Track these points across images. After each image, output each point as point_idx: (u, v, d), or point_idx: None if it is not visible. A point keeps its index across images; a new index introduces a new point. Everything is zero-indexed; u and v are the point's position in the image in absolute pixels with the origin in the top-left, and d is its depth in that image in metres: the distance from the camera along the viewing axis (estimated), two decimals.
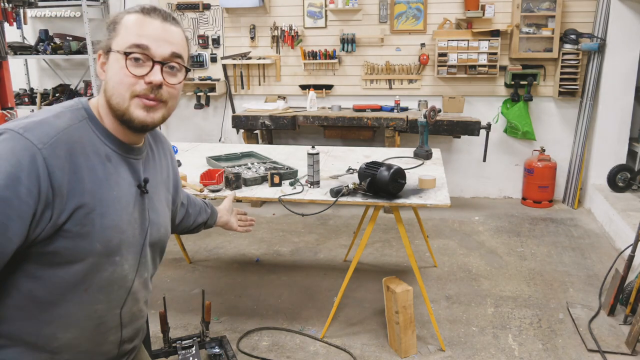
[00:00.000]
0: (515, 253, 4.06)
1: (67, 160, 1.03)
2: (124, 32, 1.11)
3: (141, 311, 1.29)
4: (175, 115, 5.74)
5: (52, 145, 1.02)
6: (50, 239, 1.04)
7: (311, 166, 2.75)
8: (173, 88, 1.15)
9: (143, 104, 1.11)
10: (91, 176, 1.07)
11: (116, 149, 1.15)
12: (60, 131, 1.05)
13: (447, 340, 2.89)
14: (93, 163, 1.08)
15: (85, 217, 1.06)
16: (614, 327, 2.95)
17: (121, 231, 1.13)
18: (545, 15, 4.90)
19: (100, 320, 1.17)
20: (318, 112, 5.09)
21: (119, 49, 1.10)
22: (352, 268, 2.81)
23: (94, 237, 1.07)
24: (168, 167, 1.39)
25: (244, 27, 5.42)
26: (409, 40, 5.18)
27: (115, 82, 1.10)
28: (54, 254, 1.05)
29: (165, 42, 1.12)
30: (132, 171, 1.18)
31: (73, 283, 1.09)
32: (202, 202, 1.72)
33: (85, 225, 1.06)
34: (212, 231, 4.51)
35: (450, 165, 5.33)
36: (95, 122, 1.13)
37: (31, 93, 5.57)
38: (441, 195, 2.64)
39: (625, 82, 4.78)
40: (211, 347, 2.66)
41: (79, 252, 1.07)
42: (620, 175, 4.76)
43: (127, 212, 1.15)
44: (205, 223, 1.73)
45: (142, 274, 1.24)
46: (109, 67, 1.12)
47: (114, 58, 1.11)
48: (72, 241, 1.05)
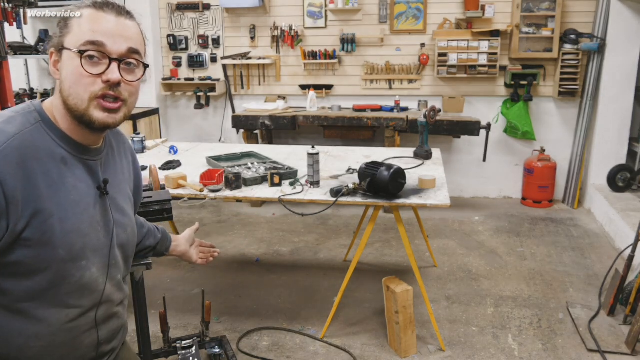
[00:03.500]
0: (515, 253, 4.06)
1: (19, 167, 0.99)
2: (77, 28, 1.06)
3: (117, 313, 1.27)
4: (175, 115, 5.75)
5: (2, 152, 0.98)
6: (10, 249, 1.01)
7: (311, 166, 2.75)
8: (131, 86, 1.11)
9: (103, 106, 1.07)
10: (46, 181, 1.03)
11: (72, 151, 1.10)
12: (11, 137, 1.01)
13: (447, 340, 2.89)
14: (47, 167, 1.04)
15: (44, 224, 1.02)
16: (614, 327, 2.95)
17: (83, 234, 1.09)
18: (545, 15, 4.90)
19: (74, 325, 1.14)
20: (318, 112, 5.09)
21: (73, 47, 1.05)
22: (352, 268, 2.81)
23: (55, 243, 1.04)
24: (130, 166, 1.34)
25: (244, 27, 5.42)
26: (409, 40, 5.19)
27: (72, 82, 1.05)
28: (16, 264, 1.02)
29: (121, 37, 1.07)
30: (90, 173, 1.14)
31: (40, 292, 1.06)
32: (154, 227, 1.60)
33: (45, 232, 1.02)
34: (212, 231, 4.51)
35: (450, 165, 5.33)
36: (49, 124, 1.08)
37: (31, 93, 5.57)
38: (441, 195, 2.65)
39: (625, 82, 4.78)
40: (211, 347, 2.66)
41: (42, 260, 1.03)
42: (620, 175, 4.76)
43: (88, 215, 1.11)
44: (154, 248, 1.59)
45: (114, 276, 1.21)
46: (63, 66, 1.07)
47: (67, 56, 1.06)
48: (34, 250, 1.02)
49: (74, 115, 1.07)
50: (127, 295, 1.31)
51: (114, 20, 1.07)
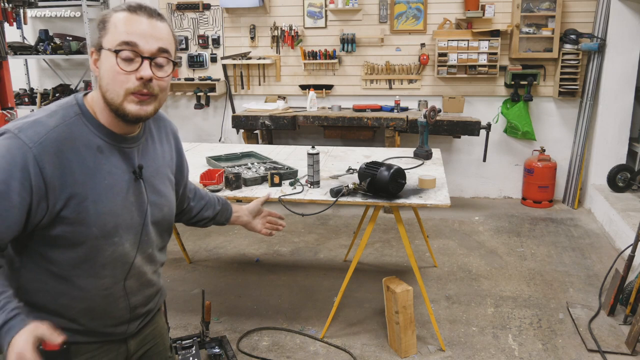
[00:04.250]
0: (515, 253, 4.06)
1: (56, 156, 1.13)
2: (113, 30, 1.16)
3: (150, 281, 1.40)
4: (175, 115, 5.75)
5: (42, 143, 1.12)
6: (52, 225, 1.16)
7: (311, 166, 2.75)
8: (162, 81, 1.22)
9: (136, 100, 1.18)
10: (82, 168, 1.17)
11: (109, 140, 1.23)
12: (50, 129, 1.14)
13: (447, 340, 2.89)
14: (83, 156, 1.17)
15: (79, 205, 1.16)
16: (614, 327, 2.95)
17: (116, 215, 1.22)
18: (545, 15, 4.90)
19: (108, 292, 1.28)
20: (318, 112, 5.09)
21: (110, 47, 1.16)
22: (352, 268, 2.81)
23: (89, 223, 1.18)
24: (171, 150, 1.46)
25: (244, 27, 5.42)
26: (409, 40, 5.18)
27: (109, 78, 1.17)
28: (57, 237, 1.17)
29: (152, 38, 1.17)
30: (125, 159, 1.26)
31: (79, 262, 1.21)
32: (214, 198, 1.74)
33: (80, 213, 1.17)
34: (212, 231, 4.51)
35: (450, 165, 5.33)
36: (88, 116, 1.21)
37: (31, 93, 5.56)
38: (441, 195, 2.65)
39: (625, 82, 4.78)
40: (211, 347, 2.66)
41: (79, 236, 1.18)
42: (620, 175, 4.76)
43: (121, 197, 1.24)
44: (213, 219, 1.73)
45: (145, 250, 1.34)
46: (102, 64, 1.18)
47: (105, 55, 1.17)
48: (71, 227, 1.17)
49: (111, 108, 1.20)
50: (162, 263, 1.45)
51: (147, 22, 1.18)
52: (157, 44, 1.18)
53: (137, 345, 1.43)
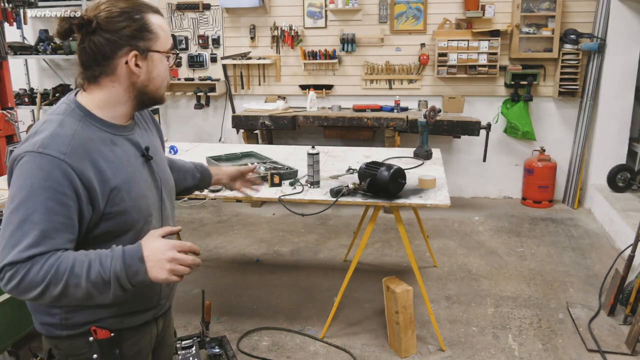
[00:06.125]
0: (515, 253, 4.06)
1: (86, 159, 1.20)
2: (162, 34, 1.29)
3: None
4: (175, 115, 5.76)
5: (71, 152, 1.18)
6: (96, 225, 1.24)
7: (311, 166, 2.75)
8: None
9: None
10: (107, 164, 1.24)
11: (114, 132, 1.31)
12: (71, 138, 1.20)
13: (447, 340, 2.89)
14: (104, 152, 1.25)
15: (117, 197, 1.24)
16: (614, 327, 2.95)
17: (144, 196, 1.33)
18: (545, 15, 4.90)
19: None
20: (318, 112, 5.09)
21: (165, 50, 1.30)
22: (352, 268, 2.81)
23: (130, 210, 1.27)
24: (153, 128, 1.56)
25: (244, 27, 5.42)
26: (409, 40, 5.18)
27: (164, 77, 1.33)
28: (103, 234, 1.25)
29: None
30: (133, 144, 1.35)
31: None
32: (192, 166, 1.81)
33: (120, 204, 1.25)
34: (212, 231, 4.52)
35: (450, 165, 5.33)
36: (92, 116, 1.27)
37: (31, 93, 5.57)
38: (441, 195, 2.65)
39: (625, 82, 4.78)
40: (211, 347, 2.66)
41: (124, 225, 1.27)
42: (620, 175, 4.76)
43: (143, 179, 1.34)
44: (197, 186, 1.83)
45: (167, 223, 1.45)
46: (154, 66, 1.29)
47: (158, 58, 1.30)
48: (115, 220, 1.25)
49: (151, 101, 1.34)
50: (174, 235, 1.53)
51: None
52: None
53: (163, 325, 1.51)
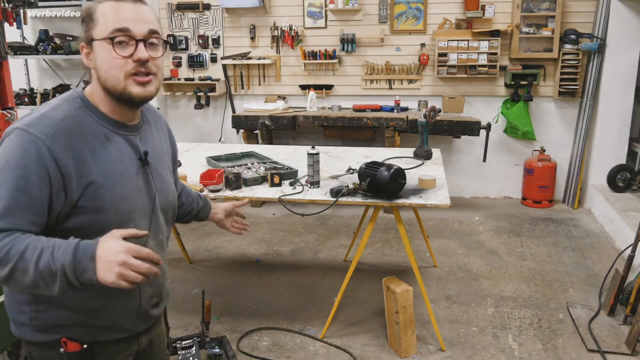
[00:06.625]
0: (515, 253, 4.06)
1: (68, 146, 1.16)
2: (102, 20, 1.20)
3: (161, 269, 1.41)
4: (175, 115, 5.75)
5: (53, 135, 1.15)
6: (68, 217, 1.18)
7: (311, 166, 2.75)
8: (157, 60, 1.26)
9: (137, 82, 1.22)
10: (93, 157, 1.20)
11: (113, 129, 1.27)
12: (59, 121, 1.17)
13: (447, 340, 2.89)
14: (93, 145, 1.21)
15: (96, 193, 1.19)
16: (614, 327, 2.95)
17: (129, 200, 1.26)
18: (545, 15, 4.90)
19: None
20: (318, 112, 5.09)
21: (103, 36, 1.19)
22: (352, 268, 2.81)
23: (106, 209, 1.21)
24: (166, 139, 1.51)
25: (244, 27, 5.42)
26: (409, 40, 5.18)
27: (108, 66, 1.20)
28: (74, 229, 1.19)
29: (141, 21, 1.22)
30: (131, 146, 1.30)
31: None
32: (197, 194, 1.80)
33: (97, 200, 1.19)
34: (212, 231, 4.51)
35: (450, 165, 5.33)
36: (92, 107, 1.25)
37: (31, 93, 5.57)
38: (441, 195, 2.65)
39: (625, 82, 4.78)
40: (211, 347, 2.66)
41: (97, 224, 1.20)
42: (620, 175, 4.76)
43: (132, 184, 1.28)
44: (197, 215, 1.79)
45: (157, 236, 1.38)
46: (96, 55, 1.21)
47: (99, 46, 1.20)
48: (88, 216, 1.19)
49: (114, 96, 1.23)
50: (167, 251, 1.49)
51: (132, 7, 1.22)
52: (147, 27, 1.22)
53: (146, 341, 1.46)
